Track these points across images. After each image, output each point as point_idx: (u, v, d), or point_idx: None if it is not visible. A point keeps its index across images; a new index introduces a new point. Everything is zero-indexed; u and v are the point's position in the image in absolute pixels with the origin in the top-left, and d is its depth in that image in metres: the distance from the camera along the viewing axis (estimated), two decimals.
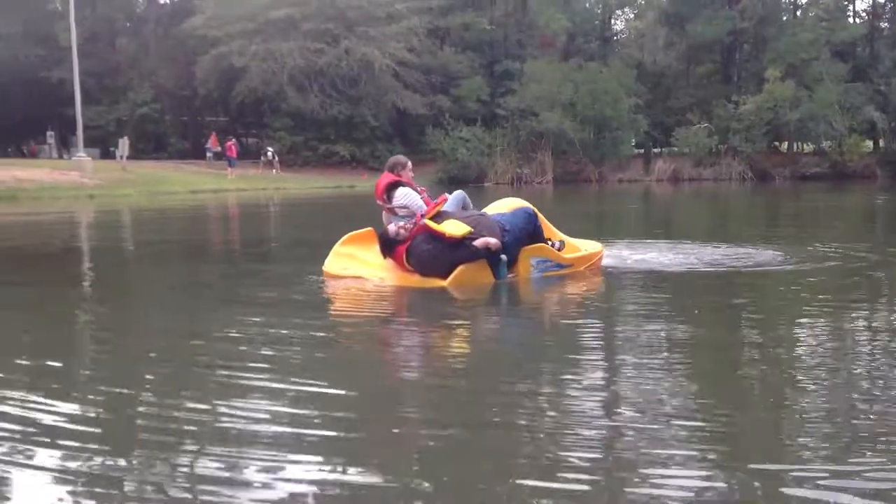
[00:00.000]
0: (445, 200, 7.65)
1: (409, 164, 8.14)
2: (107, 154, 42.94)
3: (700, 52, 50.07)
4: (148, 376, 4.31)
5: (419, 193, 7.86)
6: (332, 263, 7.76)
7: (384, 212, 8.02)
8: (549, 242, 7.87)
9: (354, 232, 8.08)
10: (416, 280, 7.19)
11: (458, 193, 8.06)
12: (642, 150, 49.36)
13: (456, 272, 7.01)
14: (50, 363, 4.61)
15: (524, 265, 7.51)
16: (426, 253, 7.05)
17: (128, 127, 44.92)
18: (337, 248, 7.94)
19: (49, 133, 44.76)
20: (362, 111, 42.77)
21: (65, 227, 18.29)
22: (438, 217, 7.28)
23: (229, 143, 37.96)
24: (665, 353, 4.73)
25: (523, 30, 50.01)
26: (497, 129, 44.05)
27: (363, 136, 43.48)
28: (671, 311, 6.29)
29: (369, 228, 8.13)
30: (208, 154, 42.00)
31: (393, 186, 7.78)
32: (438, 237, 7.01)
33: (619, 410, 3.52)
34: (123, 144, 34.57)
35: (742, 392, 3.97)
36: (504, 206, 7.99)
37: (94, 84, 47.16)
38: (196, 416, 3.49)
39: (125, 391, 4.00)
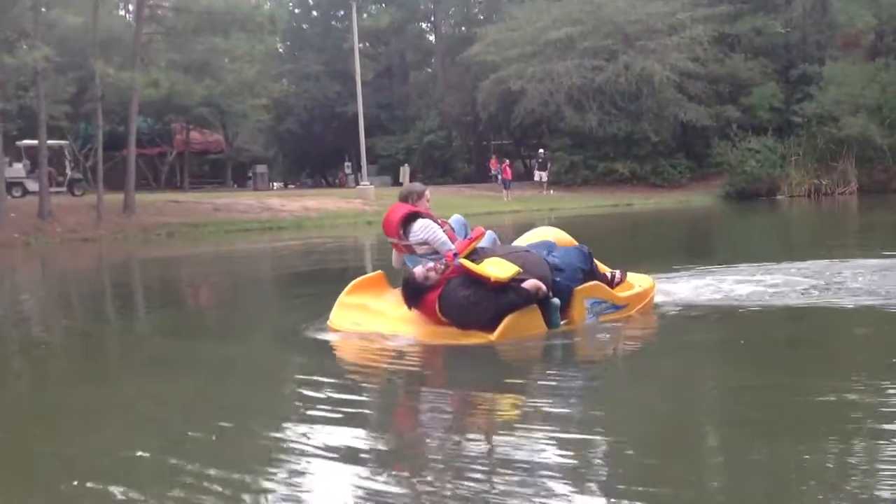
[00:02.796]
0: (483, 234, 6.38)
1: (427, 191, 6.95)
2: (398, 182, 44.98)
3: None
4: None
5: (440, 226, 6.58)
6: (339, 317, 6.53)
7: (397, 251, 6.81)
8: (610, 274, 6.74)
9: (361, 278, 6.88)
10: (452, 334, 5.89)
11: (489, 234, 6.74)
12: None
13: (504, 323, 5.76)
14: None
15: (578, 309, 6.25)
16: (464, 300, 5.79)
17: (416, 154, 46.83)
18: (343, 298, 6.68)
19: (346, 164, 47.70)
20: (643, 126, 41.31)
21: (329, 251, 19.23)
22: (475, 255, 6.08)
23: (504, 165, 38.23)
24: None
25: (823, 30, 45.87)
26: (791, 139, 40.74)
27: (644, 153, 41.99)
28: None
29: (379, 272, 7.02)
30: (498, 177, 42.60)
31: (410, 219, 6.53)
32: (478, 280, 5.79)
33: None
34: (405, 172, 36.06)
35: None
36: (533, 237, 6.87)
37: (387, 115, 49.82)
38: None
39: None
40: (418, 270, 6.04)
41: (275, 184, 52.75)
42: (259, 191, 39.97)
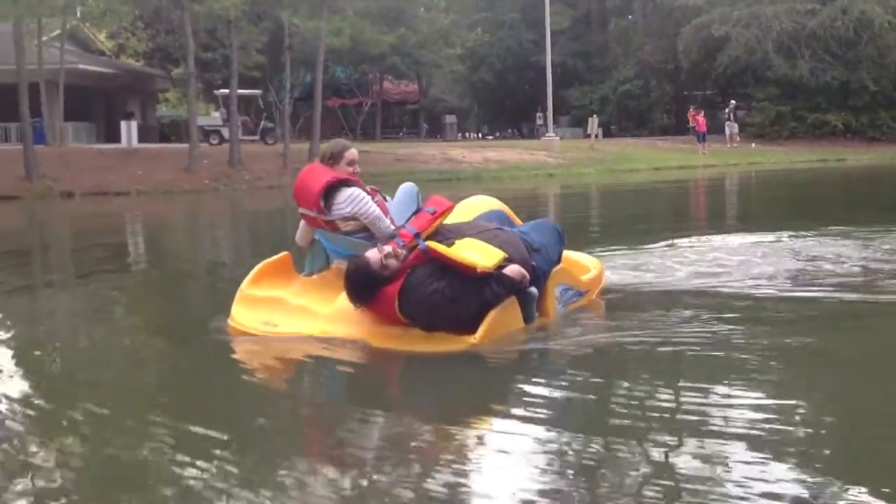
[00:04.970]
0: (451, 208, 5.03)
1: (351, 152, 5.28)
2: (587, 133, 43.63)
3: None
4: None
5: (370, 196, 5.13)
6: (244, 315, 5.01)
7: (309, 225, 5.31)
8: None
9: (267, 261, 5.31)
10: (415, 338, 4.53)
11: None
12: None
13: (487, 321, 4.48)
14: None
15: (550, 298, 5.08)
16: (437, 295, 4.43)
17: (611, 105, 45.24)
18: (246, 289, 5.13)
19: (538, 114, 46.73)
20: (860, 75, 37.74)
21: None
22: (437, 235, 4.83)
23: (697, 116, 36.07)
24: None
25: None
26: None
27: (861, 104, 38.43)
28: None
29: (285, 254, 5.42)
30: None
31: (334, 188, 5.04)
32: (450, 268, 4.48)
33: None
34: (592, 123, 34.87)
35: None
36: (478, 208, 5.53)
37: (583, 64, 48.31)
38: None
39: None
40: (373, 256, 4.59)
41: (471, 134, 52.80)
42: (448, 141, 39.92)
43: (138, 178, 24.53)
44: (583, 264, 5.93)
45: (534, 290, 4.83)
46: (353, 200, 5.01)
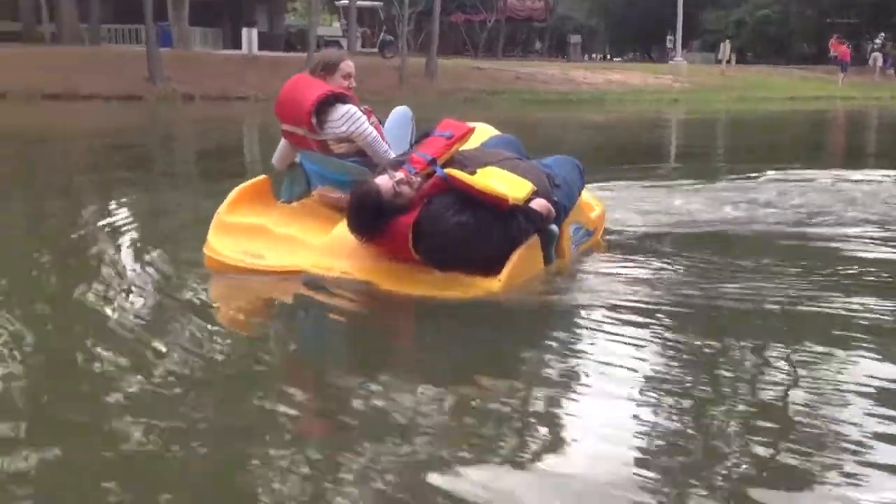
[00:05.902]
0: (471, 131, 4.30)
1: (350, 63, 4.55)
2: (717, 59, 41.68)
3: None
4: None
5: (366, 115, 4.43)
6: (223, 244, 4.33)
7: (293, 144, 4.61)
8: None
9: (245, 185, 4.61)
10: (428, 280, 3.89)
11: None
12: None
13: (512, 261, 3.90)
14: None
15: (566, 238, 4.48)
16: (461, 229, 3.81)
17: (746, 30, 42.97)
18: (223, 215, 4.44)
19: (668, 38, 44.86)
20: None
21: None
22: (453, 163, 4.12)
23: (841, 45, 33.79)
24: None
25: None
26: None
27: None
28: None
29: (262, 177, 4.74)
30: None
31: (328, 102, 4.34)
32: (472, 199, 3.85)
33: None
34: (725, 48, 33.27)
35: None
36: (484, 133, 4.79)
37: None
38: None
39: None
40: (383, 182, 3.91)
41: (597, 56, 51.34)
42: (572, 62, 38.77)
43: (256, 84, 24.69)
44: (589, 202, 5.32)
45: (555, 228, 4.28)
46: (350, 119, 4.36)
